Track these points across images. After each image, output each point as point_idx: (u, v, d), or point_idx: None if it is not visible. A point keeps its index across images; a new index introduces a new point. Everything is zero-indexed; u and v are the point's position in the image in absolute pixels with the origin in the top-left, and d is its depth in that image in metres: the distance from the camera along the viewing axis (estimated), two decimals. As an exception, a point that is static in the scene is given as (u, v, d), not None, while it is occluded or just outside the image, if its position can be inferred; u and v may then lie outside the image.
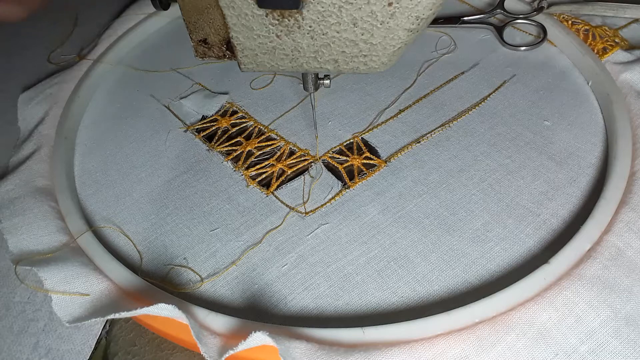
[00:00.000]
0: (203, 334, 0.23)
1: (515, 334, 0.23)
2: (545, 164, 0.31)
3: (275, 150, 0.34)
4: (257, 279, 0.27)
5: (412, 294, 0.26)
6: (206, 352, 0.22)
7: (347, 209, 0.30)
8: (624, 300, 0.24)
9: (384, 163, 0.32)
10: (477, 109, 0.35)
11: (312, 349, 0.22)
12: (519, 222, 0.28)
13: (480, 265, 0.27)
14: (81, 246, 0.29)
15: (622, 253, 0.25)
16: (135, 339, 0.27)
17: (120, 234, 0.30)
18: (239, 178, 0.33)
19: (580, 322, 0.23)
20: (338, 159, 0.33)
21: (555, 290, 0.24)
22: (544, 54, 0.39)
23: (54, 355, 0.26)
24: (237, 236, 0.29)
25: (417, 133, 0.34)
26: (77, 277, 0.26)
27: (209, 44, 0.25)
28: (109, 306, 0.25)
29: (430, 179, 0.31)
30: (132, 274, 0.27)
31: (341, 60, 0.24)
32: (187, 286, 0.27)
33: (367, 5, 0.22)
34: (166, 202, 0.32)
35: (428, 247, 0.28)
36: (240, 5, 0.22)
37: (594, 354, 0.23)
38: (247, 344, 0.22)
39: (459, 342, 0.23)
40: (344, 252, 0.28)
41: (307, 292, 0.27)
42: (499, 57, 0.39)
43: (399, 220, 0.29)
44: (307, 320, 0.25)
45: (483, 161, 0.32)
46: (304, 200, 0.31)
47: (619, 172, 0.28)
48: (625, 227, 0.26)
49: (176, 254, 0.29)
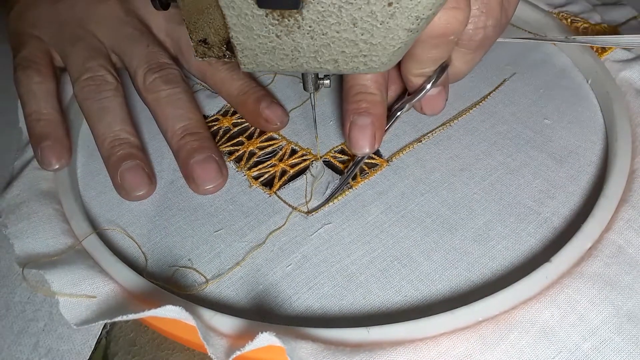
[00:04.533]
0: (210, 335, 0.23)
1: (518, 332, 0.23)
2: (546, 163, 0.31)
3: (277, 149, 0.34)
4: (261, 279, 0.28)
5: (415, 293, 0.26)
6: (213, 353, 0.23)
7: (350, 209, 0.30)
8: (626, 297, 0.24)
9: (386, 162, 0.33)
10: (477, 108, 0.35)
11: (318, 349, 0.22)
12: (520, 221, 0.29)
13: (483, 264, 0.27)
14: (86, 248, 0.29)
15: (623, 250, 0.25)
16: (135, 339, 0.27)
17: (125, 236, 0.30)
18: (241, 178, 0.33)
19: (583, 320, 0.23)
20: (340, 159, 0.33)
21: (557, 289, 0.24)
22: (544, 53, 0.39)
23: (54, 355, 0.26)
24: (241, 237, 0.30)
25: (418, 132, 0.34)
26: (84, 280, 0.27)
27: (209, 44, 0.25)
28: (116, 308, 0.25)
29: (431, 178, 0.31)
30: (138, 276, 0.27)
31: (341, 60, 0.24)
32: (193, 287, 0.28)
33: (367, 5, 0.22)
34: (170, 204, 0.32)
35: (431, 246, 0.28)
36: (240, 5, 0.22)
37: (597, 350, 0.23)
38: (254, 344, 0.22)
39: (462, 340, 0.23)
40: (347, 252, 0.28)
41: (312, 292, 0.27)
42: (499, 55, 0.39)
43: (402, 220, 0.29)
44: (312, 321, 0.26)
45: (484, 160, 0.32)
46: (306, 199, 0.31)
47: (619, 170, 0.29)
48: (626, 225, 0.26)
49: (181, 255, 0.29)
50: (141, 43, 0.35)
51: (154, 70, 0.34)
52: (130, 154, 0.32)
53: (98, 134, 0.33)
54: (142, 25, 0.36)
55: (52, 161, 0.33)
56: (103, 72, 0.34)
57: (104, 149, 0.32)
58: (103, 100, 0.33)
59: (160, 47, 0.36)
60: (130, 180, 0.31)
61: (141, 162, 0.32)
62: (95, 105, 0.33)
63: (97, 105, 0.33)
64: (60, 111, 0.34)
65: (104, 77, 0.34)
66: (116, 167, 0.31)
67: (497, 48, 0.39)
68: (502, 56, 0.39)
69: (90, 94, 0.33)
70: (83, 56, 0.34)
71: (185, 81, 0.35)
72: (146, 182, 0.32)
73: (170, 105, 0.33)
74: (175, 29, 0.37)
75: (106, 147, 0.32)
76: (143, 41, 0.35)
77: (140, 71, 0.34)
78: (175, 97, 0.33)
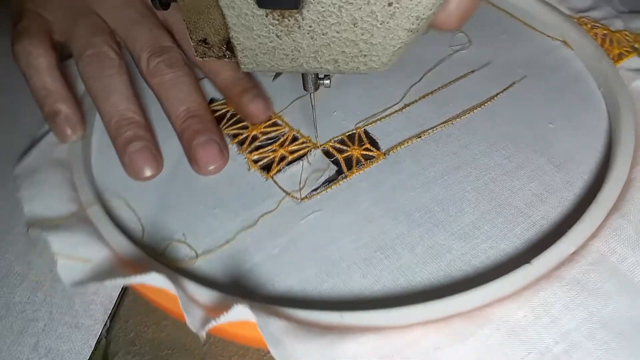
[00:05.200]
0: (190, 306, 0.25)
1: (489, 329, 0.23)
2: (543, 167, 0.31)
3: (280, 135, 0.35)
4: (248, 258, 0.29)
5: (394, 284, 0.27)
6: (191, 323, 0.24)
7: (342, 198, 0.31)
8: (602, 304, 0.24)
9: (383, 155, 0.33)
10: (482, 108, 0.35)
11: (290, 327, 0.23)
12: (509, 222, 0.29)
13: (465, 261, 0.27)
14: (89, 215, 0.31)
15: (605, 258, 0.25)
16: (135, 339, 0.27)
17: (127, 208, 0.32)
18: (242, 160, 0.34)
19: (556, 323, 0.24)
20: (338, 148, 0.34)
21: (533, 290, 0.24)
22: (559, 57, 0.38)
23: (54, 355, 0.26)
24: (234, 216, 0.31)
25: (419, 128, 0.35)
26: (82, 244, 0.28)
27: (209, 44, 0.26)
28: (108, 273, 0.27)
29: (426, 174, 0.32)
30: (133, 245, 0.29)
31: (341, 60, 0.25)
32: (183, 260, 0.29)
33: (367, 5, 0.22)
34: (173, 181, 0.33)
35: (415, 240, 0.29)
36: (240, 5, 0.22)
37: (567, 354, 0.23)
38: (229, 316, 0.23)
39: (432, 332, 0.23)
40: (334, 239, 0.29)
41: (295, 274, 0.28)
42: (513, 57, 0.39)
43: (390, 212, 0.30)
44: (290, 301, 0.26)
45: (481, 160, 0.32)
46: (300, 186, 0.32)
47: (615, 179, 0.28)
48: (612, 234, 0.26)
49: (176, 229, 0.31)
50: (144, 26, 0.35)
51: (157, 54, 0.34)
52: (137, 135, 0.33)
53: (104, 114, 0.34)
54: (145, 8, 0.37)
55: (68, 133, 0.34)
56: (106, 48, 0.34)
57: (110, 128, 0.33)
58: (106, 78, 0.33)
59: (164, 30, 0.36)
60: (138, 162, 0.33)
61: (148, 143, 0.33)
62: (100, 85, 0.33)
63: (101, 85, 0.33)
64: (63, 83, 0.35)
65: (106, 53, 0.34)
66: (124, 149, 0.33)
67: (511, 50, 0.39)
68: (515, 59, 0.38)
69: (94, 71, 0.34)
70: (86, 33, 0.35)
71: (188, 64, 0.35)
72: (154, 165, 0.33)
73: (173, 88, 0.34)
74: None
75: (113, 127, 0.33)
76: (146, 24, 0.35)
77: (143, 55, 0.34)
78: (178, 80, 0.34)
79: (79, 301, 0.28)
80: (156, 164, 0.33)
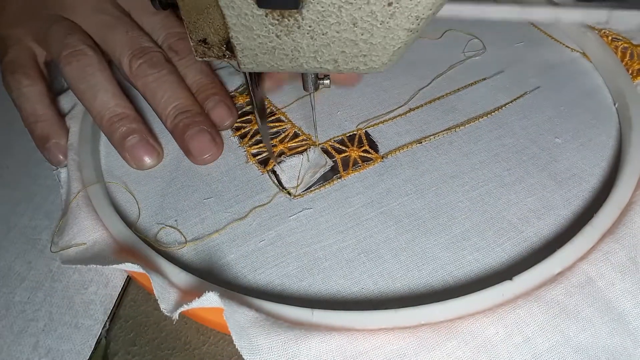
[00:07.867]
0: (168, 291, 0.25)
1: (457, 341, 0.23)
2: (544, 182, 0.30)
3: (281, 131, 0.35)
4: (234, 249, 0.29)
5: (373, 288, 0.27)
6: (165, 307, 0.25)
7: (334, 198, 0.31)
8: (580, 328, 0.23)
9: (380, 158, 0.33)
10: (488, 117, 0.34)
11: (257, 318, 0.23)
12: (499, 236, 0.28)
13: (448, 271, 0.27)
14: (89, 195, 0.32)
15: (591, 282, 0.24)
16: (135, 339, 0.27)
17: (126, 191, 0.33)
18: (241, 153, 0.34)
19: (528, 343, 0.23)
20: (337, 148, 0.34)
21: (509, 308, 0.24)
22: (576, 69, 0.37)
23: (54, 355, 0.26)
24: (227, 207, 0.31)
25: (422, 133, 0.34)
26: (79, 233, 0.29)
27: (208, 44, 0.26)
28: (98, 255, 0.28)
29: (421, 180, 0.31)
30: (126, 228, 0.30)
31: (341, 60, 0.25)
32: (173, 245, 0.30)
33: (366, 5, 0.22)
34: (172, 169, 0.34)
35: (401, 246, 0.28)
36: (240, 5, 0.23)
37: (537, 376, 0.22)
38: (200, 302, 0.24)
39: (399, 339, 0.23)
40: (319, 238, 0.29)
41: (276, 269, 0.28)
42: (527, 66, 0.38)
43: (380, 216, 0.30)
44: (267, 295, 0.27)
45: (479, 170, 0.31)
46: (297, 183, 0.32)
47: (615, 201, 0.27)
48: (603, 257, 0.25)
49: (170, 215, 0.31)
50: (119, 30, 0.35)
51: (138, 56, 0.34)
52: (131, 129, 0.33)
53: (94, 113, 0.34)
54: (118, 11, 0.36)
55: (61, 158, 0.35)
56: (82, 46, 0.34)
57: (103, 127, 0.34)
58: (89, 77, 0.33)
59: (140, 31, 0.35)
60: (137, 154, 0.33)
61: (143, 134, 0.34)
62: (84, 85, 0.33)
63: (86, 84, 0.33)
64: (54, 109, 0.36)
65: (83, 51, 0.34)
66: (122, 145, 0.33)
67: (527, 59, 0.38)
68: (529, 68, 0.37)
69: (75, 71, 0.33)
70: (60, 35, 0.34)
71: (170, 62, 0.35)
72: (153, 153, 0.34)
73: (159, 88, 0.34)
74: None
75: (106, 125, 0.33)
76: (121, 27, 0.35)
77: (124, 59, 0.34)
78: (162, 79, 0.34)
79: (79, 301, 0.29)
80: (155, 151, 0.34)
